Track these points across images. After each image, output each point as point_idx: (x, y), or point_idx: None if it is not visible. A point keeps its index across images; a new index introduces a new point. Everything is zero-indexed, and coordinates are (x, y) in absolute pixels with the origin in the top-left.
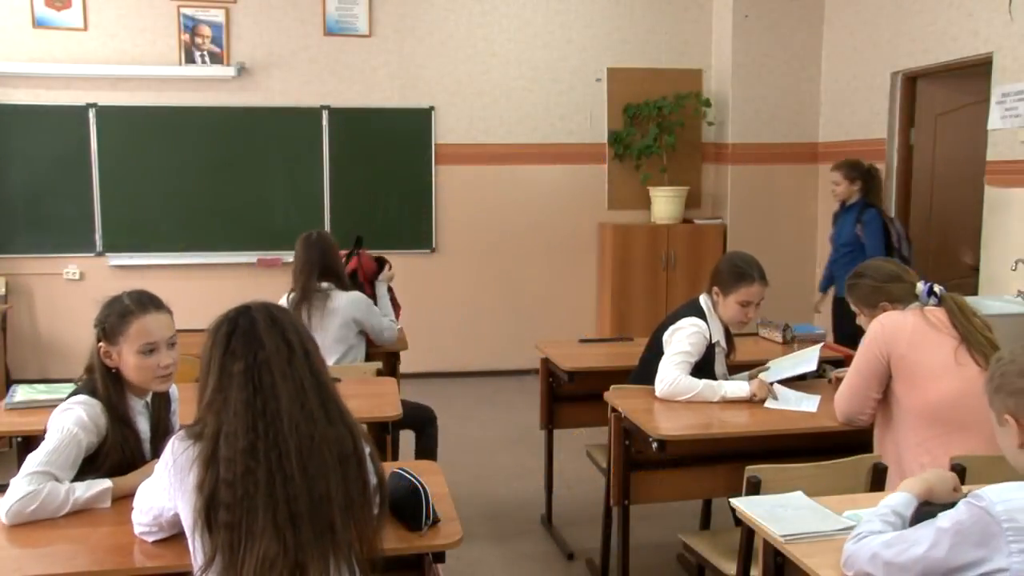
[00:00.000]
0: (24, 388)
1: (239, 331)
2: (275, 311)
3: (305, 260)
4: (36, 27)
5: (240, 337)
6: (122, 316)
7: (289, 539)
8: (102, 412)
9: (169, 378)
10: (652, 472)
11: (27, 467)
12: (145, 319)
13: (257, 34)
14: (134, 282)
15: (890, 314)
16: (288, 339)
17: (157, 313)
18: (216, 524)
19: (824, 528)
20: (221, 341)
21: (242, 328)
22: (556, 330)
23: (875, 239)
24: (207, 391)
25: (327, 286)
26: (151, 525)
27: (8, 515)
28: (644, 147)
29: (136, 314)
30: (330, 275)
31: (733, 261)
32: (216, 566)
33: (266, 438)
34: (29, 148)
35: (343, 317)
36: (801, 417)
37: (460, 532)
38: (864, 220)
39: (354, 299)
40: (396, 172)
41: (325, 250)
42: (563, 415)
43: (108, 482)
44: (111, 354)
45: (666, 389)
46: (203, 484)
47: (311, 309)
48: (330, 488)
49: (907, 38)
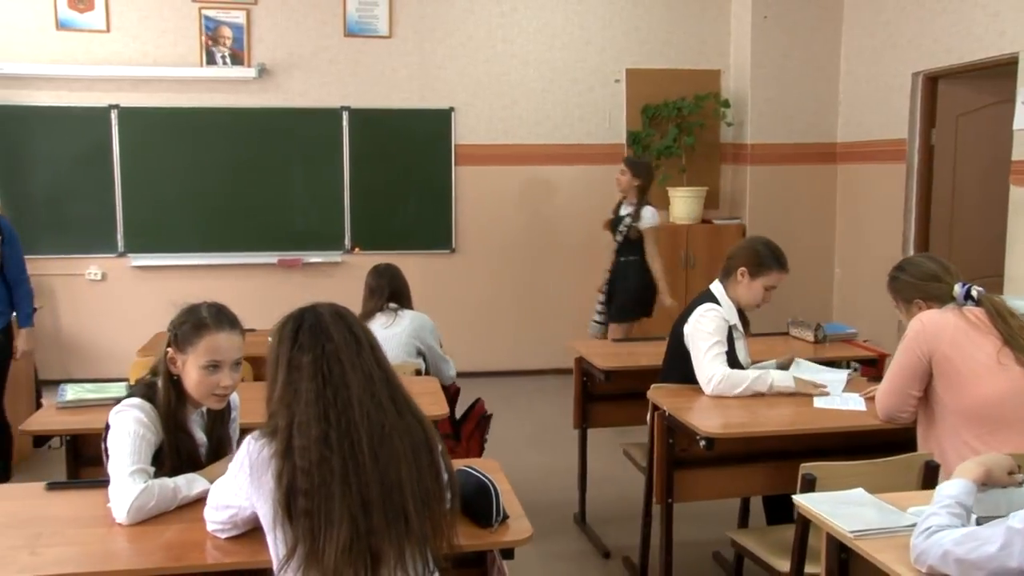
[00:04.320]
0: (73, 387)
1: (306, 325)
2: (339, 307)
3: (375, 286)
4: (59, 29)
5: (307, 331)
6: (196, 328)
7: (361, 525)
8: (156, 416)
9: (225, 398)
10: (695, 470)
11: (121, 469)
12: (218, 336)
13: (278, 35)
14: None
15: (930, 313)
16: (355, 332)
17: (231, 332)
18: (296, 513)
19: (892, 524)
20: (288, 336)
21: (308, 322)
22: (575, 330)
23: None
24: (277, 386)
25: (394, 306)
26: (225, 523)
27: (129, 513)
28: (664, 148)
29: (211, 329)
30: (398, 299)
31: (766, 245)
32: (298, 555)
33: (338, 427)
34: (51, 149)
35: (408, 331)
36: (849, 415)
37: (530, 529)
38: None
39: (421, 317)
40: (416, 173)
41: (393, 277)
42: (596, 414)
43: (204, 481)
44: (177, 361)
45: (717, 386)
46: (281, 474)
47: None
48: (402, 477)
49: (929, 38)
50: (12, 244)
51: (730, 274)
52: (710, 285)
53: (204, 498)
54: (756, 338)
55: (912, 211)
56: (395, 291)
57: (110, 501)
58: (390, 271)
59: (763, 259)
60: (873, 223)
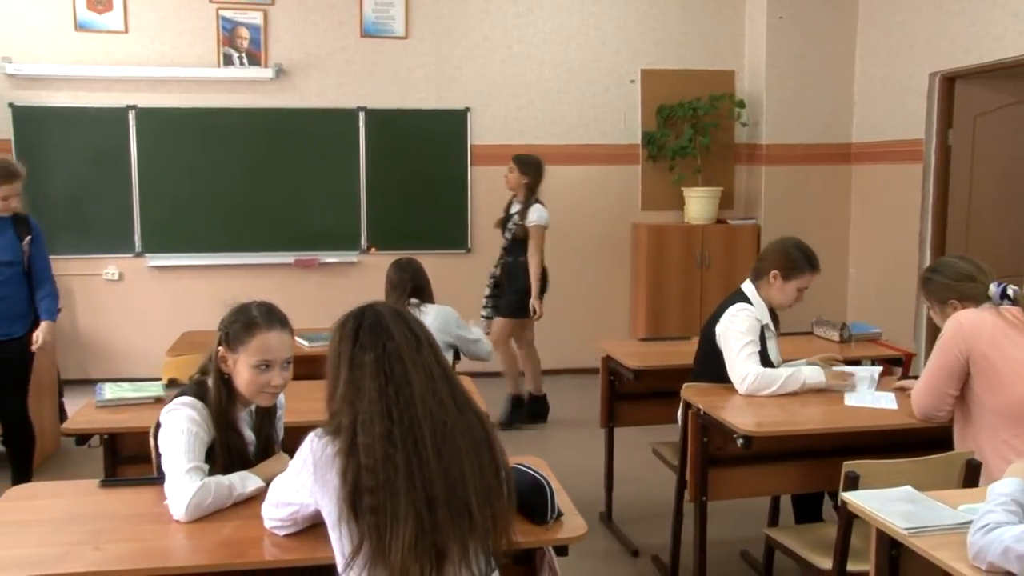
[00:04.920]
0: (111, 386)
1: (366, 324)
2: (396, 307)
3: (397, 281)
4: (78, 30)
5: (367, 330)
6: (247, 327)
7: (427, 521)
8: (207, 414)
9: (275, 396)
10: (728, 468)
11: (178, 467)
12: (269, 335)
13: (295, 36)
14: (172, 283)
15: (967, 312)
16: (414, 330)
17: (281, 331)
18: (361, 510)
19: (946, 522)
20: (349, 335)
21: (368, 321)
22: (590, 330)
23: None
24: (339, 384)
25: (416, 302)
26: (285, 520)
27: (188, 510)
28: (679, 148)
29: (262, 328)
30: (420, 294)
31: (797, 247)
32: (364, 552)
33: (401, 424)
34: (70, 149)
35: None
36: (882, 414)
37: (585, 526)
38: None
39: (443, 311)
40: (432, 173)
41: (415, 271)
42: (622, 413)
43: (257, 479)
44: (227, 360)
45: (751, 385)
46: (346, 472)
47: None
48: (465, 473)
49: (947, 39)
50: (39, 243)
51: (762, 276)
52: (741, 285)
53: (257, 496)
54: (780, 338)
55: (929, 211)
56: (417, 285)
57: (167, 498)
58: (412, 265)
59: (796, 261)
60: (888, 223)
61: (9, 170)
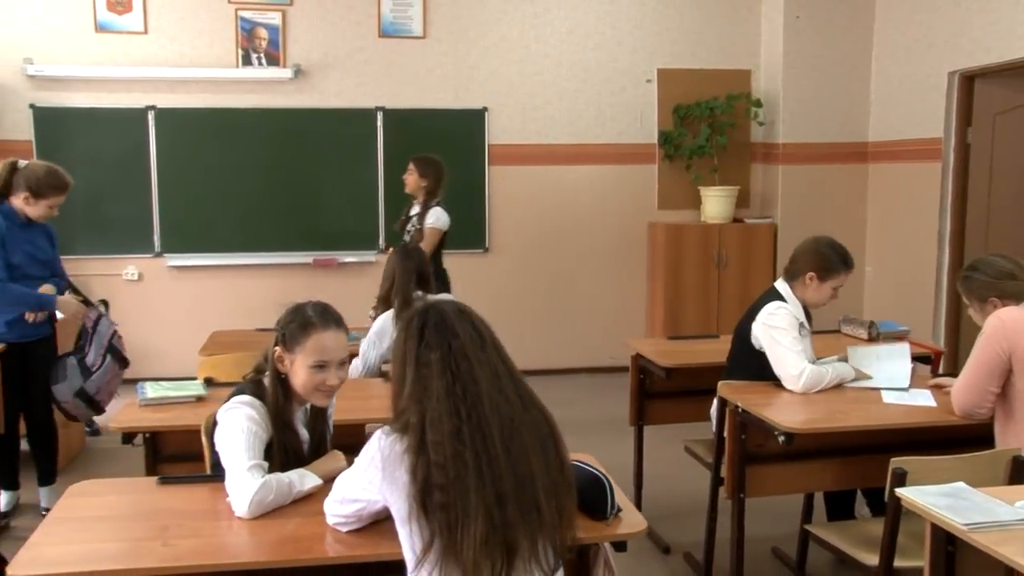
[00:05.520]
0: (152, 385)
1: (431, 323)
2: (459, 304)
3: (403, 268)
4: (98, 31)
5: (432, 328)
6: (303, 327)
7: (497, 518)
8: (265, 413)
9: (331, 395)
10: (765, 465)
11: (239, 465)
12: (325, 335)
13: (313, 36)
14: (191, 283)
15: (1009, 310)
16: (478, 328)
17: (337, 331)
18: (432, 507)
19: (1005, 518)
20: (415, 334)
21: (433, 320)
22: (606, 329)
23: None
24: (406, 383)
25: (420, 294)
26: (350, 517)
27: (250, 507)
28: (696, 147)
29: (317, 328)
30: (425, 284)
31: (831, 247)
32: (436, 549)
33: (469, 421)
34: (90, 150)
35: None
36: (922, 411)
37: (644, 522)
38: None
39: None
40: (450, 172)
41: (420, 260)
42: (651, 411)
43: (315, 476)
44: (284, 360)
45: (807, 381)
46: (415, 469)
47: None
48: (533, 469)
49: (967, 38)
50: (57, 246)
51: (796, 276)
52: (774, 283)
53: (315, 493)
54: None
55: (948, 209)
56: (422, 276)
57: (229, 495)
58: (419, 254)
59: (831, 262)
60: (905, 222)
61: (64, 180)
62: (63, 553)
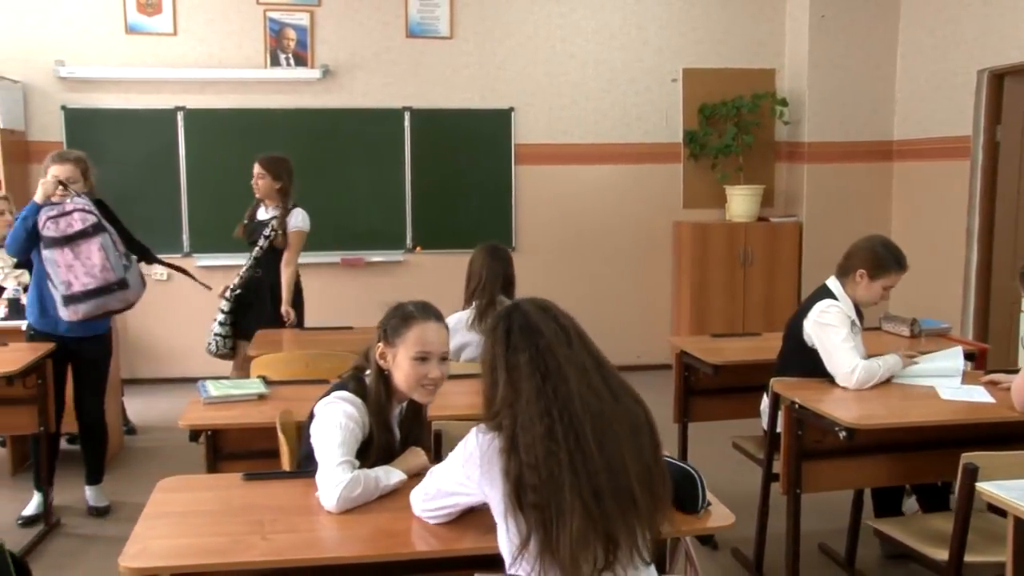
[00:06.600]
0: (214, 383)
1: (515, 325)
2: (541, 302)
3: (491, 268)
4: (128, 33)
5: (518, 331)
6: (405, 320)
7: (595, 513)
8: (364, 411)
9: (433, 391)
10: (821, 461)
11: (331, 459)
12: (426, 326)
13: (341, 37)
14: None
15: None
16: (562, 324)
17: (437, 324)
18: (526, 506)
19: None
20: (502, 338)
21: (517, 322)
22: (632, 328)
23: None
24: (499, 387)
25: (503, 299)
26: (442, 510)
27: (338, 501)
28: (723, 146)
29: (418, 320)
30: (509, 289)
31: (885, 246)
32: (533, 545)
33: (562, 421)
34: (119, 151)
35: None
36: (982, 407)
37: (732, 516)
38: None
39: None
40: (476, 172)
41: (507, 261)
42: (695, 409)
43: (399, 472)
44: (387, 356)
45: (860, 377)
46: (508, 470)
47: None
48: (626, 461)
49: (996, 36)
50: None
51: (848, 274)
52: (826, 281)
53: (400, 488)
54: None
55: (976, 207)
56: (508, 278)
57: (318, 489)
58: (504, 254)
59: (883, 261)
60: (932, 220)
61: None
62: (169, 547)
